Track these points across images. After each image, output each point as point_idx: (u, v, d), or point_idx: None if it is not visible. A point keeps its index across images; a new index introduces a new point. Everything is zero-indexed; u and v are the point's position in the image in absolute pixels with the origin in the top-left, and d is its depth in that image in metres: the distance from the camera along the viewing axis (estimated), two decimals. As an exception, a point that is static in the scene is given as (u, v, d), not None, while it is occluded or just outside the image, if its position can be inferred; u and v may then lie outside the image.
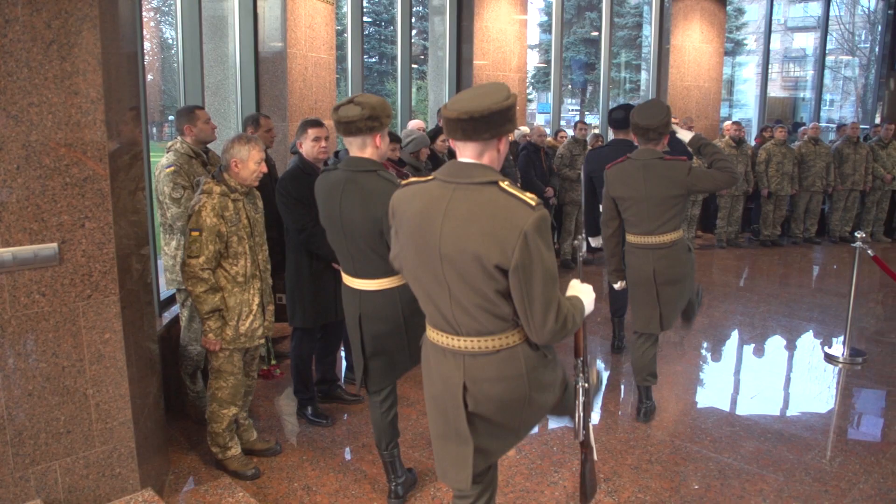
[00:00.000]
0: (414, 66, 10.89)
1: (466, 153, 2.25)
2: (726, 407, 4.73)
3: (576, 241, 4.34)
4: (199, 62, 5.83)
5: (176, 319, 4.56)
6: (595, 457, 2.81)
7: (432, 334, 2.41)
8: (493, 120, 2.17)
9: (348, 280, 3.34)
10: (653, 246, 4.16)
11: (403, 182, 2.45)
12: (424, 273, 2.31)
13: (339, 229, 3.22)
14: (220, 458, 3.76)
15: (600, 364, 2.77)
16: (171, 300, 4.89)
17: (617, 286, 4.57)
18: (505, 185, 2.19)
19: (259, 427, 4.23)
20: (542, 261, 2.14)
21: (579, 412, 2.63)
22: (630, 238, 4.27)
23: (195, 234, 3.42)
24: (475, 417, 2.37)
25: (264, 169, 3.64)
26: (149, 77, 9.47)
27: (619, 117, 5.32)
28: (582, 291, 2.45)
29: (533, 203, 2.15)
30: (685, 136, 4.39)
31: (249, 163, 3.54)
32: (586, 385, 2.61)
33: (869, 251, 5.57)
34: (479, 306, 2.24)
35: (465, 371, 2.33)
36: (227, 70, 6.52)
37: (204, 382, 4.37)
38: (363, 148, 3.15)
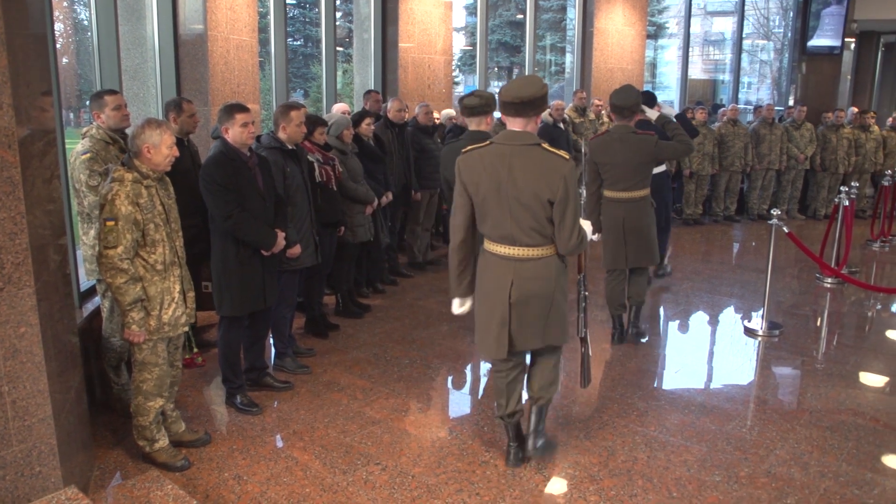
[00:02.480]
0: (339, 48, 10.77)
1: (516, 125, 3.29)
2: (652, 381, 4.86)
3: (581, 190, 5.26)
4: (116, 45, 5.64)
5: (98, 311, 4.42)
6: (590, 352, 3.90)
7: (492, 247, 3.43)
8: (535, 103, 3.24)
9: None
10: (624, 199, 5.16)
11: (464, 150, 3.43)
12: (494, 206, 3.31)
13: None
14: (148, 451, 3.69)
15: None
16: (91, 291, 4.74)
17: (595, 238, 5.07)
18: (545, 145, 3.27)
19: (187, 417, 4.15)
20: (574, 195, 3.22)
21: (580, 314, 3.74)
22: (607, 194, 5.24)
23: (110, 223, 3.31)
24: (513, 308, 3.39)
25: (176, 153, 3.54)
26: (64, 60, 9.11)
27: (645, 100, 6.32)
28: (583, 223, 3.39)
29: (567, 157, 3.23)
30: (652, 114, 5.62)
31: (162, 147, 3.45)
32: (586, 293, 3.74)
33: (784, 228, 5.78)
34: (531, 227, 3.29)
35: (514, 271, 3.37)
36: (145, 53, 6.32)
37: (128, 374, 4.25)
38: (479, 124, 4.52)
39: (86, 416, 3.60)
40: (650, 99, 6.55)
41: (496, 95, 4.32)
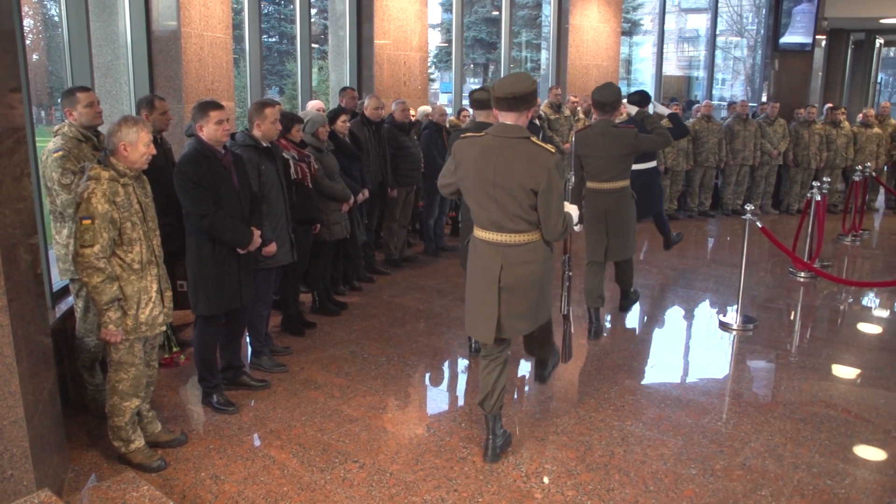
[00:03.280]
0: (314, 45, 10.70)
1: (509, 119, 3.46)
2: (628, 376, 4.89)
3: (569, 176, 5.58)
4: (87, 41, 5.57)
5: (71, 311, 4.37)
6: (572, 330, 4.16)
7: (481, 233, 3.59)
8: (526, 98, 3.41)
9: None
10: (606, 191, 5.37)
11: (462, 135, 3.67)
12: (480, 194, 3.49)
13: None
14: (123, 451, 3.65)
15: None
16: (65, 291, 4.69)
17: (577, 228, 5.12)
18: (534, 139, 3.44)
19: (163, 418, 4.11)
20: (558, 187, 3.40)
21: (565, 293, 3.98)
22: (590, 185, 5.44)
23: (87, 222, 3.28)
24: (502, 291, 3.54)
25: (153, 151, 3.51)
26: (34, 57, 8.98)
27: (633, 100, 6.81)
28: (570, 209, 3.61)
29: (553, 150, 3.41)
30: (632, 110, 6.16)
31: (139, 145, 3.41)
32: (570, 273, 3.98)
33: (758, 223, 5.84)
34: (516, 214, 3.45)
35: (503, 257, 3.52)
36: (117, 50, 6.25)
37: (103, 375, 4.21)
38: (487, 117, 4.72)
39: (59, 417, 3.55)
40: (644, 98, 6.77)
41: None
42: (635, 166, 6.92)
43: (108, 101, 6.06)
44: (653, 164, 7.47)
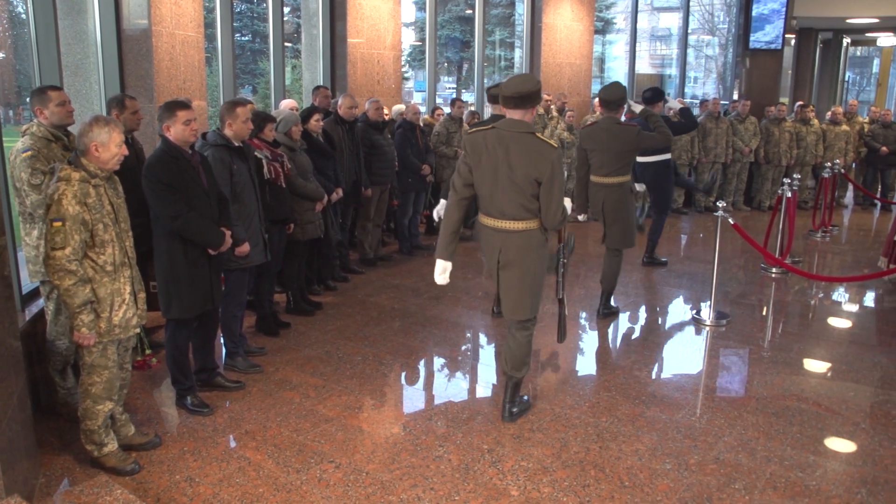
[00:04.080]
0: (287, 44, 10.65)
1: (516, 115, 3.83)
2: (604, 373, 4.92)
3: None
4: (55, 40, 5.47)
5: (41, 314, 4.31)
6: (566, 312, 4.42)
7: (485, 219, 3.99)
8: (532, 97, 3.80)
9: None
10: (605, 185, 5.76)
11: (471, 130, 4.01)
12: (490, 183, 3.86)
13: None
14: (96, 455, 3.61)
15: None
16: (35, 293, 4.62)
17: (581, 218, 6.24)
18: (538, 134, 3.81)
19: (137, 420, 4.07)
20: (560, 179, 3.77)
21: (559, 279, 4.30)
22: (592, 178, 5.85)
23: (57, 224, 3.23)
24: (501, 271, 3.98)
25: (125, 152, 3.47)
26: (0, 55, 8.82)
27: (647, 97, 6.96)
28: (566, 201, 3.91)
29: (556, 145, 3.79)
30: (637, 108, 6.45)
31: (111, 146, 3.37)
32: (565, 261, 4.30)
33: (730, 220, 5.90)
34: (520, 203, 3.82)
35: (501, 241, 3.93)
36: (87, 48, 6.16)
37: (75, 378, 4.15)
38: (499, 109, 4.84)
39: (29, 422, 3.50)
40: (657, 94, 6.94)
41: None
42: (648, 158, 7.26)
43: (78, 100, 5.97)
44: (666, 156, 7.47)
